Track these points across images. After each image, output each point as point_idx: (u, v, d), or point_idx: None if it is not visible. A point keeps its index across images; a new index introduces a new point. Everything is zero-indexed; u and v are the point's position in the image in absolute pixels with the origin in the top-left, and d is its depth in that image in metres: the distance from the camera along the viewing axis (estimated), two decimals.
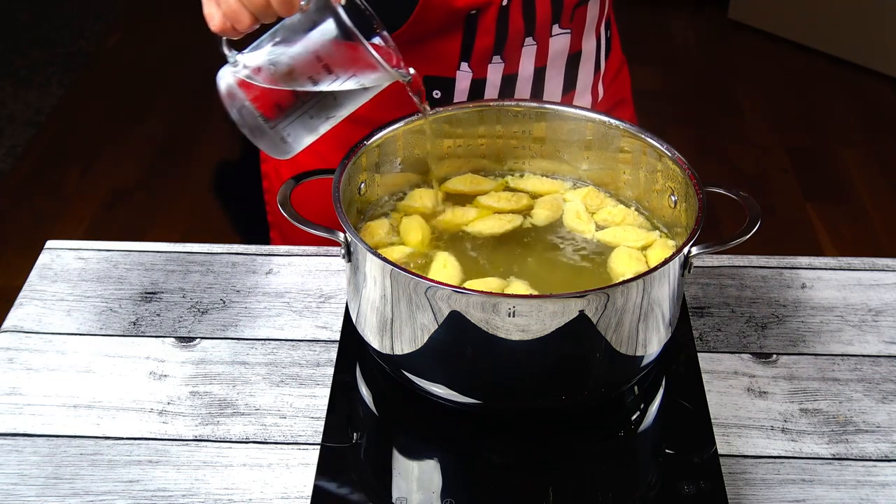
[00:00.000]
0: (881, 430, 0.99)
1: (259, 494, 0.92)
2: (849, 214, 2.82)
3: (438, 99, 1.17)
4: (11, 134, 3.13)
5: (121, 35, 3.71)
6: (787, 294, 1.15)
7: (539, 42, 1.17)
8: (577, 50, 1.22)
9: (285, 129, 0.93)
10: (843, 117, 3.24)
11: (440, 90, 1.17)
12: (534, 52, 1.17)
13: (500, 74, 1.17)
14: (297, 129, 0.93)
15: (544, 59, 1.19)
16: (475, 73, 1.16)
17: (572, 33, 1.20)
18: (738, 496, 0.92)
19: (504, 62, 1.17)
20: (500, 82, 1.18)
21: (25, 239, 2.56)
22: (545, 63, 1.19)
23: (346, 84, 0.91)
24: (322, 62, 0.89)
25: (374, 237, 1.03)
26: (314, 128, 0.95)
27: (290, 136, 0.94)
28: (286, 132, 0.93)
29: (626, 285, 0.86)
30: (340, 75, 0.90)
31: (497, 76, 1.17)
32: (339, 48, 0.89)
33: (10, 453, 0.96)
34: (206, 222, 2.77)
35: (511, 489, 0.90)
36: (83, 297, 1.14)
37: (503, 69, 1.17)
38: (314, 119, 0.93)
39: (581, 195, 1.09)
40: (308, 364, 1.05)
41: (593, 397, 0.95)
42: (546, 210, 1.07)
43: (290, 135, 0.94)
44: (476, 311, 0.84)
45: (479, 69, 1.16)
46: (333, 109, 0.94)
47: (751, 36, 3.68)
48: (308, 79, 0.90)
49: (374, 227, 1.04)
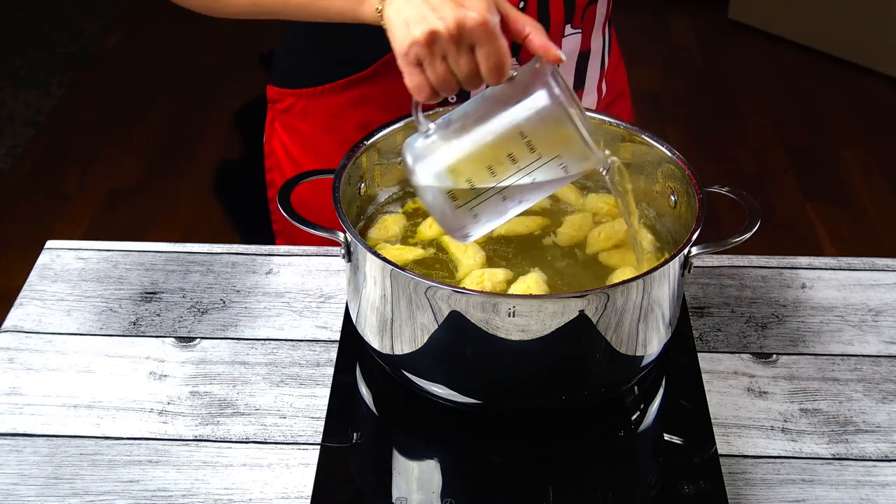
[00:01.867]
0: (881, 430, 0.99)
1: (259, 494, 0.92)
2: (849, 214, 2.82)
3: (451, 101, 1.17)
4: (11, 134, 3.13)
5: (121, 35, 3.71)
6: (787, 294, 1.15)
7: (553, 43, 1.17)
8: (586, 49, 1.22)
9: (477, 209, 0.85)
10: (843, 117, 3.24)
11: (456, 94, 1.17)
12: None
13: None
14: (487, 210, 0.85)
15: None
16: None
17: (583, 33, 1.20)
18: (738, 496, 0.92)
19: (519, 64, 1.17)
20: None
21: (25, 239, 2.56)
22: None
23: (548, 165, 0.82)
24: (525, 138, 0.81)
25: (387, 231, 1.02)
26: (504, 211, 0.86)
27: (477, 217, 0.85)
28: (477, 210, 0.85)
29: (626, 285, 0.86)
30: (543, 155, 0.82)
31: None
32: (549, 125, 0.81)
33: (10, 453, 0.96)
34: (206, 222, 2.77)
35: (511, 489, 0.90)
36: (83, 297, 1.14)
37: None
38: (507, 201, 0.85)
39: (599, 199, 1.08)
40: (308, 364, 1.05)
41: (593, 397, 0.95)
42: (571, 230, 1.03)
43: (479, 216, 0.85)
44: (476, 311, 0.84)
45: None
46: (530, 192, 0.85)
47: (751, 36, 3.68)
48: (507, 156, 0.82)
49: (389, 223, 1.04)
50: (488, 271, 0.95)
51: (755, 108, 3.29)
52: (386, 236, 1.03)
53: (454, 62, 0.82)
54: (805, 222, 2.79)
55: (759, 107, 3.29)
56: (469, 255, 0.98)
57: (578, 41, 1.20)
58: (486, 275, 0.95)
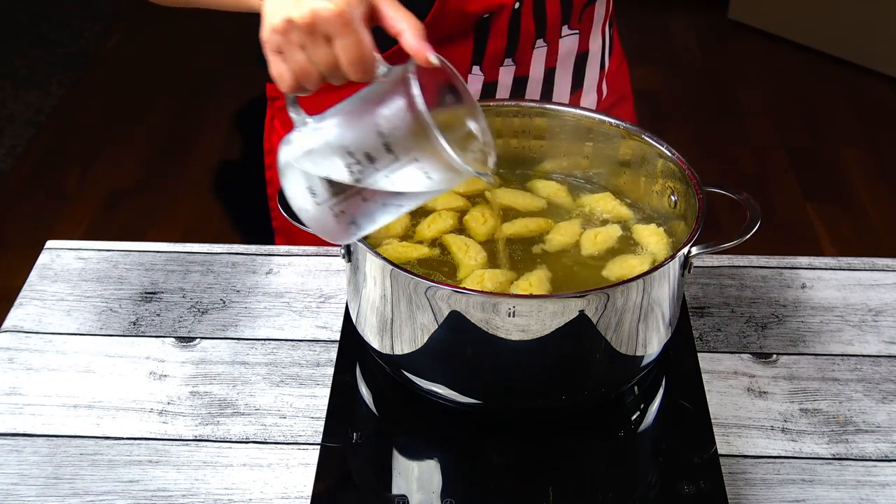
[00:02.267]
0: (881, 430, 0.99)
1: (259, 494, 0.92)
2: (849, 214, 2.82)
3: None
4: (11, 134, 3.13)
5: (121, 35, 3.71)
6: (787, 294, 1.15)
7: (550, 43, 1.17)
8: (584, 50, 1.22)
9: (337, 207, 0.83)
10: (843, 117, 3.24)
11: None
12: (544, 53, 1.18)
13: (511, 77, 1.18)
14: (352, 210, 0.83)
15: (554, 60, 1.20)
16: (486, 76, 1.17)
17: (581, 33, 1.20)
18: (738, 496, 0.92)
19: (515, 65, 1.17)
20: (512, 84, 1.18)
21: (25, 239, 2.56)
22: (555, 64, 1.20)
23: (407, 170, 0.80)
24: (383, 139, 0.79)
25: (388, 230, 1.02)
26: (371, 214, 0.84)
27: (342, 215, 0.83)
28: (338, 209, 0.83)
29: (626, 285, 0.86)
30: (400, 158, 0.79)
31: (508, 78, 1.18)
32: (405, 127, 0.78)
33: (10, 453, 0.96)
34: (206, 222, 2.77)
35: (511, 489, 0.90)
36: (83, 297, 1.14)
37: (514, 71, 1.17)
38: (370, 202, 0.83)
39: (595, 200, 1.08)
40: (308, 364, 1.05)
41: (593, 397, 0.95)
42: (561, 236, 1.03)
43: (344, 214, 0.83)
44: (476, 311, 0.84)
45: (490, 72, 1.17)
46: (391, 197, 0.82)
47: (751, 36, 3.68)
48: (365, 155, 0.80)
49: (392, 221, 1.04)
50: (489, 272, 0.95)
51: (755, 108, 3.29)
52: (388, 234, 1.03)
53: (311, 53, 0.82)
54: (805, 222, 2.79)
55: (759, 107, 3.29)
56: (470, 256, 0.98)
57: (576, 42, 1.20)
58: (486, 275, 0.95)
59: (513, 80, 1.18)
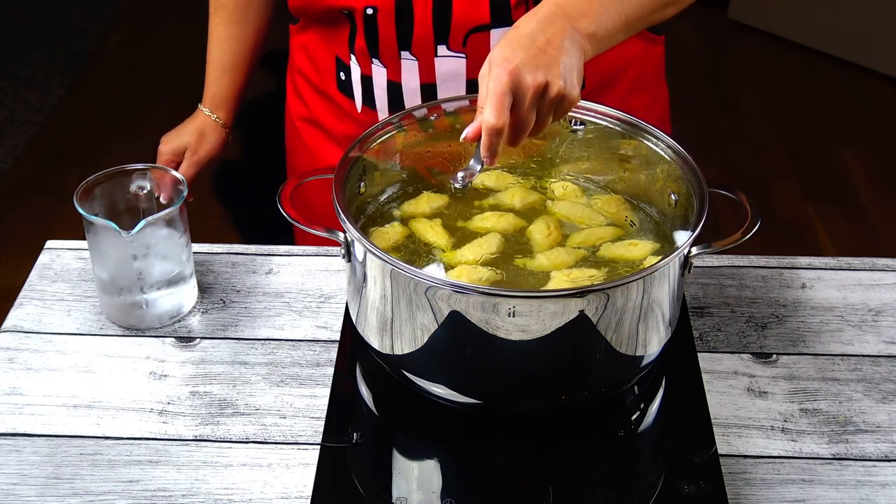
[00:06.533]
0: (881, 430, 0.99)
1: (259, 494, 0.92)
2: (849, 214, 2.82)
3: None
4: (11, 134, 3.13)
5: (121, 35, 3.71)
6: (787, 294, 1.15)
7: (420, 59, 1.14)
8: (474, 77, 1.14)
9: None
10: (843, 117, 3.24)
11: (344, 72, 1.20)
12: (415, 67, 1.14)
13: (384, 78, 1.17)
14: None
15: (432, 77, 1.15)
16: (363, 69, 1.17)
17: (468, 59, 1.13)
18: (738, 496, 0.92)
19: (385, 67, 1.16)
20: (387, 86, 1.17)
21: (25, 239, 2.55)
22: (433, 81, 1.15)
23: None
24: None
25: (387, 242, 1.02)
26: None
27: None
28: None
29: (626, 285, 0.86)
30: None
31: (382, 79, 1.17)
32: None
33: (10, 453, 0.96)
34: (207, 222, 2.77)
35: (511, 489, 0.90)
36: (83, 297, 1.14)
37: (386, 74, 1.16)
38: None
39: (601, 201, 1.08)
40: (308, 364, 1.05)
41: (593, 397, 0.95)
42: (542, 238, 1.03)
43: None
44: (476, 311, 0.84)
45: (364, 66, 1.17)
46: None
47: (751, 36, 3.68)
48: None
49: (423, 200, 1.06)
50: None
51: (755, 108, 3.29)
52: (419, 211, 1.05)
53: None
54: (805, 222, 2.79)
55: (759, 107, 3.29)
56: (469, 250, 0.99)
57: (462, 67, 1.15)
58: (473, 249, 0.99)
59: (387, 83, 1.17)
